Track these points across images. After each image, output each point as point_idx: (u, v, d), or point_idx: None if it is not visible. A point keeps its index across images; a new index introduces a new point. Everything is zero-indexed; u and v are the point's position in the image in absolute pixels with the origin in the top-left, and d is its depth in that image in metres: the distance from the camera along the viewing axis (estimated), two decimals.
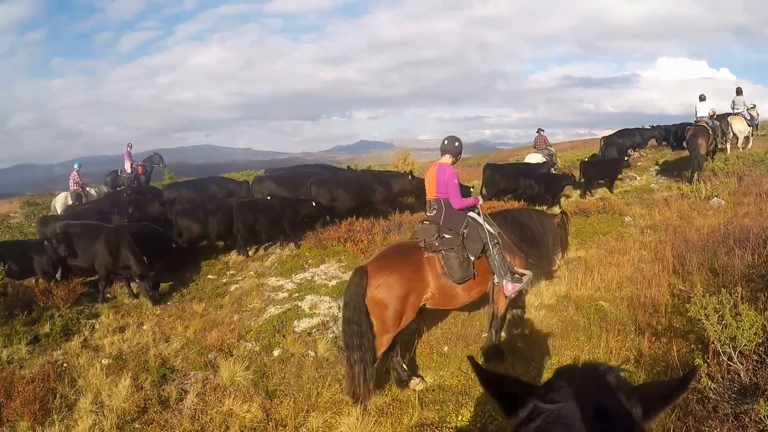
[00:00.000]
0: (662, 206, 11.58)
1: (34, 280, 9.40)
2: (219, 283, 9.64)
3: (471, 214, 5.78)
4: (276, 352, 6.62)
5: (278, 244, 11.22)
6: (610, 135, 20.52)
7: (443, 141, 5.87)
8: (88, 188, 17.47)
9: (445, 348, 6.30)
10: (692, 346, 5.15)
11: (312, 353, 6.51)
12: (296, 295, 8.30)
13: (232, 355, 6.66)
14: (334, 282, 8.67)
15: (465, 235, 5.50)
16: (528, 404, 1.28)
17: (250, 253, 10.92)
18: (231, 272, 10.18)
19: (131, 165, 19.63)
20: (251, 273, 9.78)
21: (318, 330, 7.10)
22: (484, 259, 5.64)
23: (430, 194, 5.82)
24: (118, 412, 5.58)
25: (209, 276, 9.96)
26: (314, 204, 11.02)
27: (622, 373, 1.36)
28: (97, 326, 8.09)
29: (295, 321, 7.31)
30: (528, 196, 13.65)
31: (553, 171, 15.71)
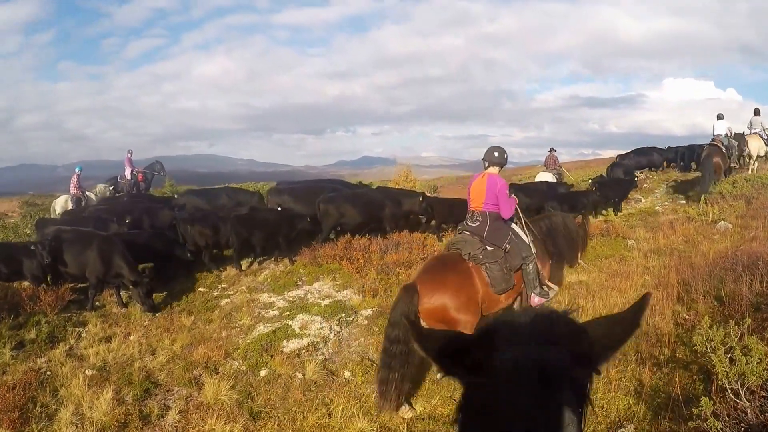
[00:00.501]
0: (667, 229, 11.35)
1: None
2: (210, 297, 9.45)
3: (513, 226, 5.84)
4: (263, 372, 6.43)
5: (273, 259, 11.05)
6: (626, 154, 20.46)
7: (492, 153, 5.86)
8: (88, 192, 17.49)
9: (439, 375, 6.02)
10: (694, 377, 4.94)
11: (300, 375, 6.32)
12: (287, 313, 8.11)
13: (217, 373, 6.50)
14: (327, 301, 8.49)
15: (507, 250, 5.52)
16: (466, 359, 1.18)
17: (244, 267, 10.75)
18: (223, 286, 9.99)
19: (131, 171, 19.64)
20: (243, 288, 9.59)
21: (307, 351, 6.92)
22: (520, 271, 5.73)
23: (476, 205, 5.77)
24: (98, 425, 5.47)
25: (200, 289, 9.77)
26: (309, 219, 10.80)
27: (571, 315, 1.26)
28: (83, 334, 7.95)
29: (284, 341, 7.12)
30: None
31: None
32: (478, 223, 5.67)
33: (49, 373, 6.65)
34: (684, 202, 14.76)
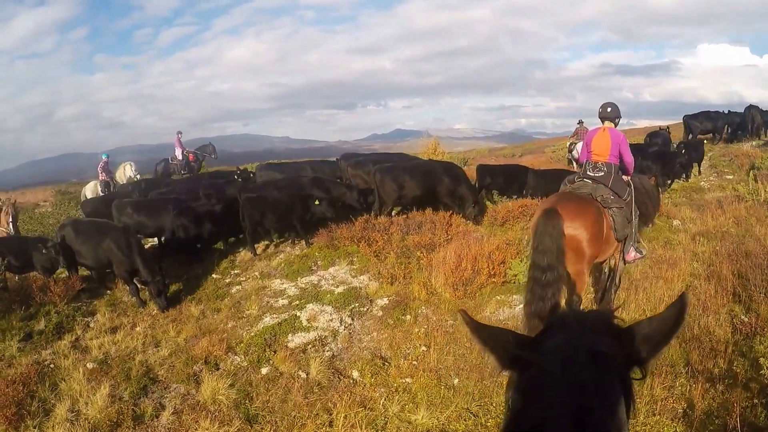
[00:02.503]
0: (715, 209, 10.40)
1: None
2: (221, 284, 9.13)
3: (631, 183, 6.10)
4: (264, 370, 6.04)
5: (289, 241, 10.65)
6: (695, 115, 19.58)
7: (605, 108, 6.11)
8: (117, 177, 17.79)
9: (456, 380, 5.47)
10: (755, 400, 4.25)
11: (303, 374, 5.88)
12: (296, 303, 7.69)
13: (218, 369, 6.19)
14: (341, 288, 8.03)
15: (627, 201, 5.85)
16: (523, 355, 1.28)
17: (259, 251, 10.40)
18: (236, 271, 9.65)
19: (182, 152, 19.98)
20: (256, 273, 9.22)
21: (313, 347, 6.48)
22: None
23: (601, 157, 5.96)
24: (92, 423, 5.30)
25: (213, 275, 9.45)
26: (317, 201, 10.30)
27: (614, 319, 1.37)
28: (92, 324, 7.84)
29: (290, 334, 6.70)
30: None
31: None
32: (603, 173, 5.88)
33: (52, 365, 6.56)
34: (731, 177, 13.65)
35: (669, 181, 13.46)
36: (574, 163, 16.23)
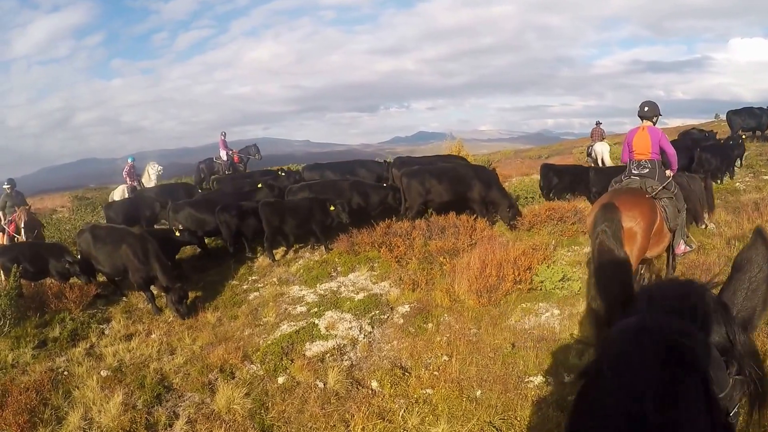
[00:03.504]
0: (752, 212, 9.99)
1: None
2: (239, 290, 9.10)
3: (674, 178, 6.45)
4: (281, 379, 5.95)
5: (308, 247, 10.59)
6: (738, 110, 19.35)
7: (643, 108, 6.49)
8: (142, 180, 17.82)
9: (478, 392, 5.29)
10: None
11: (320, 384, 5.77)
12: (315, 310, 7.60)
13: (233, 378, 6.15)
14: (361, 295, 7.92)
15: (675, 193, 6.25)
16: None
17: (277, 256, 10.34)
18: (253, 277, 9.61)
19: (227, 153, 20.42)
20: (274, 280, 9.15)
21: (332, 356, 6.37)
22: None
23: (643, 155, 6.36)
24: (105, 431, 5.32)
25: (231, 281, 9.41)
26: (332, 207, 10.21)
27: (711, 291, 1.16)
28: (106, 331, 7.88)
29: (308, 342, 6.62)
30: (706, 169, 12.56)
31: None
32: (648, 170, 6.30)
33: (66, 372, 6.59)
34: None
35: (726, 174, 13.33)
36: (598, 163, 16.00)
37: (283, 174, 14.74)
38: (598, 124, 18.72)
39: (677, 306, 1.08)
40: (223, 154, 20.37)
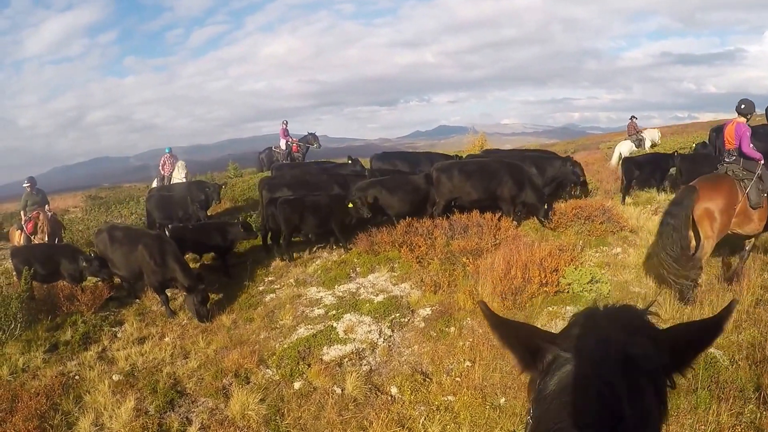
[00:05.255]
0: None
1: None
2: (254, 291, 9.08)
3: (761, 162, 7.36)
4: (297, 385, 5.93)
5: (326, 247, 10.56)
6: None
7: (739, 105, 7.42)
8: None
9: (502, 400, 5.23)
10: None
11: (338, 390, 5.74)
12: (333, 312, 7.55)
13: (248, 383, 6.15)
14: (380, 297, 7.86)
15: (759, 176, 7.18)
16: (547, 354, 1.25)
17: (294, 256, 10.29)
18: (270, 278, 9.58)
19: (286, 142, 20.90)
20: (291, 281, 9.12)
21: (350, 360, 6.33)
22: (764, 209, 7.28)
23: (731, 146, 7.46)
24: None
25: (246, 282, 9.39)
26: (350, 204, 10.05)
27: (649, 317, 1.30)
28: (119, 335, 7.91)
29: (325, 347, 6.58)
30: None
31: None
32: (734, 157, 7.40)
33: (77, 377, 6.62)
34: None
35: None
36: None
37: (350, 162, 15.28)
38: (632, 118, 19.20)
39: (632, 325, 1.26)
40: (282, 143, 20.89)
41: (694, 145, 16.25)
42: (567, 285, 7.29)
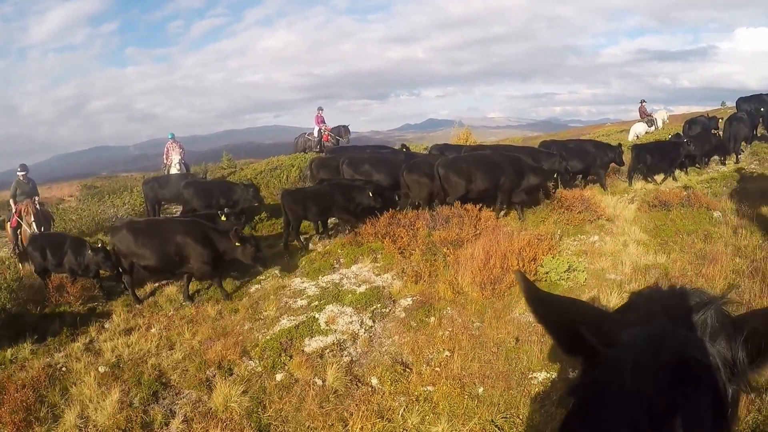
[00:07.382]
0: (758, 199, 9.79)
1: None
2: (240, 282, 8.94)
3: None
4: (279, 376, 5.83)
5: (313, 237, 10.48)
6: (749, 97, 19.19)
7: None
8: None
9: (480, 389, 5.15)
10: None
11: (319, 381, 5.65)
12: (316, 303, 7.44)
13: (231, 374, 6.03)
14: (363, 288, 7.76)
15: None
16: (588, 346, 0.98)
17: (280, 247, 10.16)
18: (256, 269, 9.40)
19: (319, 129, 20.36)
20: (276, 272, 8.97)
21: (331, 352, 6.23)
22: None
23: None
24: (101, 429, 5.24)
25: (233, 272, 9.21)
26: (371, 194, 9.98)
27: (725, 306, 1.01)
28: (107, 326, 7.73)
29: (307, 338, 6.48)
30: None
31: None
32: None
33: (64, 369, 6.49)
34: None
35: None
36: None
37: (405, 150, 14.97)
38: (642, 102, 20.42)
39: (686, 317, 1.00)
40: (315, 131, 20.36)
41: (669, 136, 16.33)
42: (545, 274, 7.25)
